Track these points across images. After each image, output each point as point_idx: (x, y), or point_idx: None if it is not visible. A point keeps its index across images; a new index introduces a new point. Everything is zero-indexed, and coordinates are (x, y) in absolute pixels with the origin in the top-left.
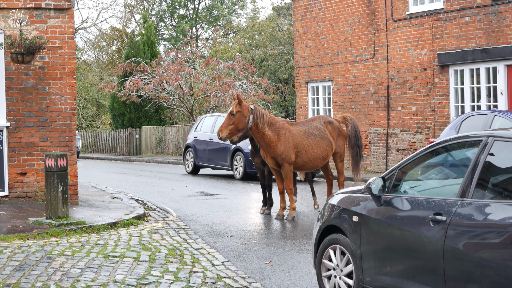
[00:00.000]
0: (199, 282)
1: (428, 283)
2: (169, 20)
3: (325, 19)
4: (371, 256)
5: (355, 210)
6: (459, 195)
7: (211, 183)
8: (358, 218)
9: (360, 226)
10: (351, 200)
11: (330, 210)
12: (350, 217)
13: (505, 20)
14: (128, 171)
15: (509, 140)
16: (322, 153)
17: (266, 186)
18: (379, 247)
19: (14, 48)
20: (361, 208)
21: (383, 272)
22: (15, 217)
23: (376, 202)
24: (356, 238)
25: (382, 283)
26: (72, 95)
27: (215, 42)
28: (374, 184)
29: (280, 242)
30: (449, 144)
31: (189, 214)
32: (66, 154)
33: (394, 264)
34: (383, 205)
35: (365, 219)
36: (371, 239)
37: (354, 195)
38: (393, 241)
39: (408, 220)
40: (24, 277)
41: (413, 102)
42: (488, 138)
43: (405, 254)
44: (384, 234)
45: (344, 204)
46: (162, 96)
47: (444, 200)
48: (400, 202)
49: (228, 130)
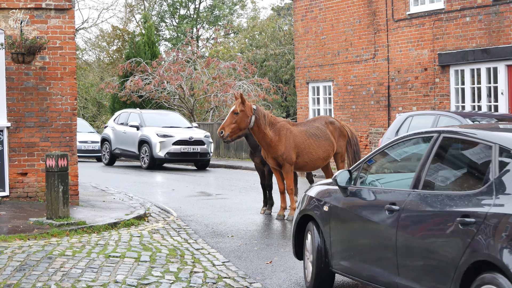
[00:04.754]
0: (200, 282)
1: (385, 268)
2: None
3: (326, 19)
4: (338, 242)
5: (326, 201)
6: (412, 186)
7: (212, 183)
8: (328, 208)
9: (329, 215)
10: (324, 192)
11: (306, 201)
12: (321, 207)
13: (505, 20)
14: (128, 171)
15: (455, 135)
16: (323, 153)
17: (266, 186)
18: (345, 234)
19: (14, 48)
20: (331, 199)
21: (347, 258)
22: (16, 217)
23: (343, 193)
24: (326, 227)
25: (346, 267)
26: (73, 95)
27: (216, 43)
28: (339, 176)
29: (281, 242)
30: (408, 139)
31: (189, 214)
32: (67, 154)
33: (357, 250)
34: (349, 196)
35: (334, 209)
36: (338, 227)
37: (327, 187)
38: (355, 229)
39: (368, 209)
40: (24, 277)
41: (413, 102)
42: (437, 133)
43: (366, 241)
44: (348, 223)
45: (318, 195)
46: (163, 96)
47: (399, 191)
48: (363, 193)
49: (230, 129)
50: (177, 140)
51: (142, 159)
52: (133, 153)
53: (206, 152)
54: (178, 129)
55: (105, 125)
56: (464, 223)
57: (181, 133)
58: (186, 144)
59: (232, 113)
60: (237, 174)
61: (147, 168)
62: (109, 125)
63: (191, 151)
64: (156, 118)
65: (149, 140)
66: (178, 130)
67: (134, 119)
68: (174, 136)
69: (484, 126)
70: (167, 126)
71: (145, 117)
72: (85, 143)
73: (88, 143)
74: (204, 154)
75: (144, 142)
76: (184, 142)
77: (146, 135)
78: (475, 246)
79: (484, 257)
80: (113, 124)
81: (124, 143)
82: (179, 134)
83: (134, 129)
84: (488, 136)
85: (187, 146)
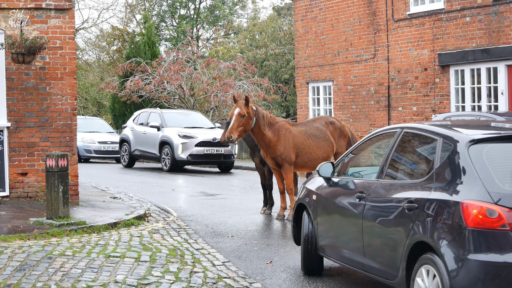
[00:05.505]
0: (200, 282)
1: (354, 249)
2: (170, 20)
3: (326, 19)
4: (322, 228)
5: (314, 191)
6: (377, 176)
7: (212, 183)
8: (316, 197)
9: (317, 204)
10: (314, 183)
11: (303, 192)
12: (311, 197)
13: (505, 20)
14: (128, 171)
15: (412, 131)
16: (322, 154)
17: (266, 186)
18: (327, 221)
19: (14, 48)
20: (318, 189)
21: (329, 242)
22: (16, 217)
23: (327, 184)
24: (314, 214)
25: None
26: (73, 95)
27: (216, 43)
28: (321, 168)
29: (281, 242)
30: (380, 134)
31: (189, 214)
32: (67, 154)
33: (335, 235)
34: (331, 186)
35: (320, 197)
36: (322, 214)
37: (319, 178)
38: (334, 216)
39: (343, 197)
40: (24, 277)
41: (413, 102)
42: (400, 129)
43: (341, 226)
44: (329, 210)
45: (310, 186)
46: (163, 96)
47: (367, 181)
48: (341, 183)
49: (238, 132)
50: (200, 141)
51: (163, 161)
52: (154, 154)
53: (230, 154)
54: (201, 129)
55: (124, 125)
56: (409, 208)
57: (204, 134)
58: (209, 146)
59: (238, 115)
60: (237, 174)
61: (168, 171)
62: (128, 125)
63: (215, 153)
64: (177, 118)
65: (170, 141)
66: (200, 130)
67: (155, 119)
68: (197, 137)
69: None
70: (189, 127)
71: (166, 117)
72: (104, 143)
73: (107, 143)
74: (228, 156)
75: (165, 143)
76: (207, 143)
77: (167, 136)
78: (416, 229)
79: (422, 238)
80: (132, 124)
81: (144, 144)
82: (202, 135)
83: (154, 130)
84: (435, 131)
85: (210, 147)
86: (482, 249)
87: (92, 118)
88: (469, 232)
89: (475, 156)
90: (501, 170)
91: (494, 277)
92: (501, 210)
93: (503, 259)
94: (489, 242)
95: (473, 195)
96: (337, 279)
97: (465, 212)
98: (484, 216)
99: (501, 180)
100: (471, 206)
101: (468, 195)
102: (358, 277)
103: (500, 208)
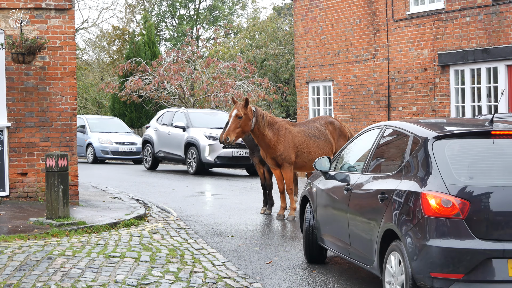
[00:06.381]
0: (200, 282)
1: (342, 237)
2: (169, 20)
3: (326, 19)
4: (320, 218)
5: (315, 184)
6: (362, 169)
7: (212, 183)
8: (315, 190)
9: (316, 196)
10: (315, 177)
11: (306, 185)
12: (312, 189)
13: (505, 20)
14: (128, 171)
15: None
16: (322, 153)
17: (266, 186)
18: (323, 211)
19: (14, 48)
20: (317, 182)
21: (324, 229)
22: (16, 217)
23: (324, 177)
24: (314, 205)
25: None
26: (73, 95)
27: (216, 43)
28: (317, 162)
29: (281, 242)
30: (369, 130)
31: (189, 214)
32: (67, 154)
33: (328, 223)
34: (328, 179)
35: (318, 190)
36: (320, 205)
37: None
38: (328, 207)
39: (335, 189)
40: (24, 277)
41: (413, 102)
42: (383, 126)
43: (333, 216)
44: (325, 201)
45: (312, 179)
46: (163, 96)
47: (355, 173)
48: (336, 176)
49: (235, 134)
50: None
51: (189, 163)
52: (179, 156)
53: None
54: None
55: (147, 125)
56: (381, 198)
57: None
58: (237, 148)
59: (235, 117)
60: (238, 174)
61: (194, 174)
62: (151, 125)
63: (243, 155)
64: (203, 118)
65: (196, 143)
66: None
67: (180, 119)
68: None
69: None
70: (216, 127)
71: (192, 117)
72: (122, 144)
73: (125, 144)
74: None
75: (191, 145)
76: (235, 145)
77: (193, 137)
78: (386, 218)
79: (391, 226)
80: (156, 124)
81: (168, 145)
82: None
83: (179, 130)
84: (408, 128)
85: (238, 149)
86: (438, 235)
87: (109, 118)
88: (427, 220)
89: (437, 151)
90: (459, 164)
91: (448, 262)
92: (455, 200)
93: (456, 245)
94: (444, 229)
95: (432, 186)
96: (337, 277)
97: (424, 202)
98: (440, 206)
99: (458, 173)
100: (429, 196)
101: (428, 187)
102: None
103: (454, 199)
